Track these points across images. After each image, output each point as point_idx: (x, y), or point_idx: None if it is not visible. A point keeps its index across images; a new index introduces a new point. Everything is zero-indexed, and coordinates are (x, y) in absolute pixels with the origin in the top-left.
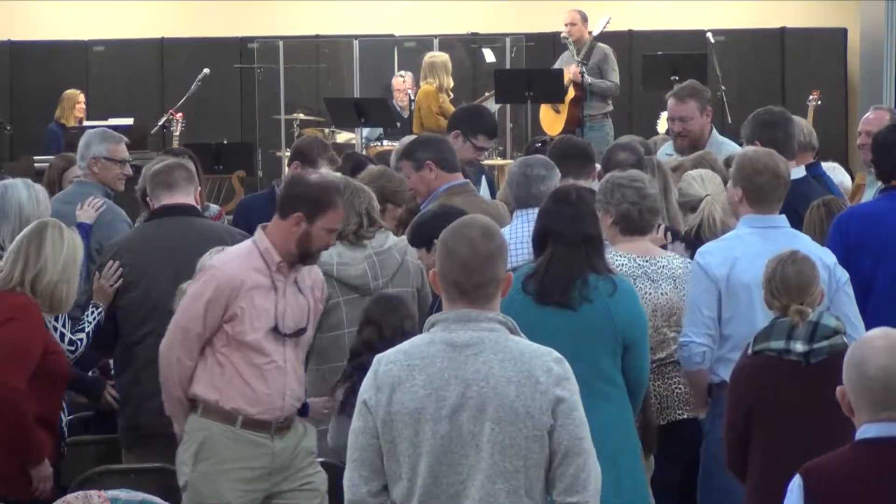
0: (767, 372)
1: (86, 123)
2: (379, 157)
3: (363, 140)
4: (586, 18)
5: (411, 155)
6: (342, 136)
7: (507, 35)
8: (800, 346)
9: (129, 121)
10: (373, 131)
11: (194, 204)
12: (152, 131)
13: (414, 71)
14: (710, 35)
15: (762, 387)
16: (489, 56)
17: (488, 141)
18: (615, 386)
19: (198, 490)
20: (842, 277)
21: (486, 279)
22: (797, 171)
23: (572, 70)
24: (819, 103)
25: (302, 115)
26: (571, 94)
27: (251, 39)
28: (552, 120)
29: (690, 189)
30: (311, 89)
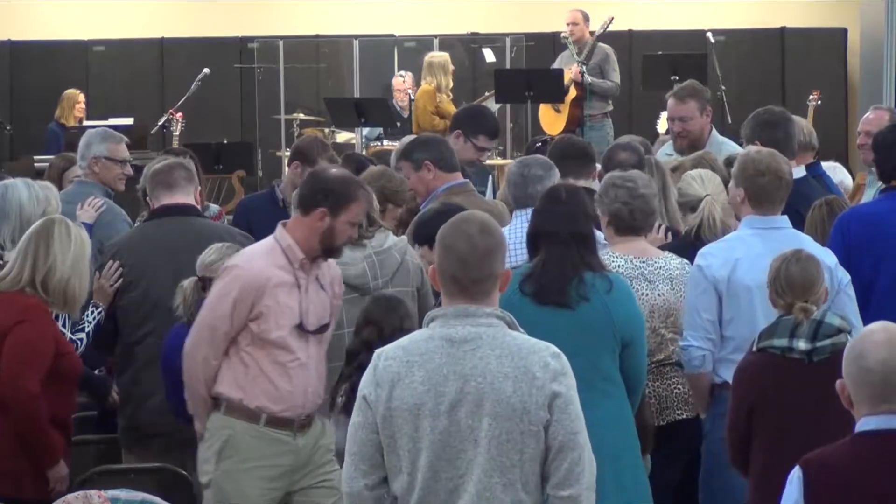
0: (770, 369)
1: (86, 123)
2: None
3: (363, 140)
4: (588, 18)
5: (409, 155)
6: (342, 136)
7: (507, 35)
8: (802, 345)
9: (129, 121)
10: (372, 131)
11: (194, 204)
12: (152, 131)
13: (414, 71)
14: (710, 35)
15: (765, 384)
16: (489, 56)
17: (489, 141)
18: (614, 383)
19: (221, 488)
20: (843, 279)
21: (485, 274)
22: (797, 171)
23: (573, 70)
24: (819, 103)
25: (302, 115)
26: (573, 93)
27: (251, 39)
28: (552, 119)
29: (690, 189)
30: (311, 89)
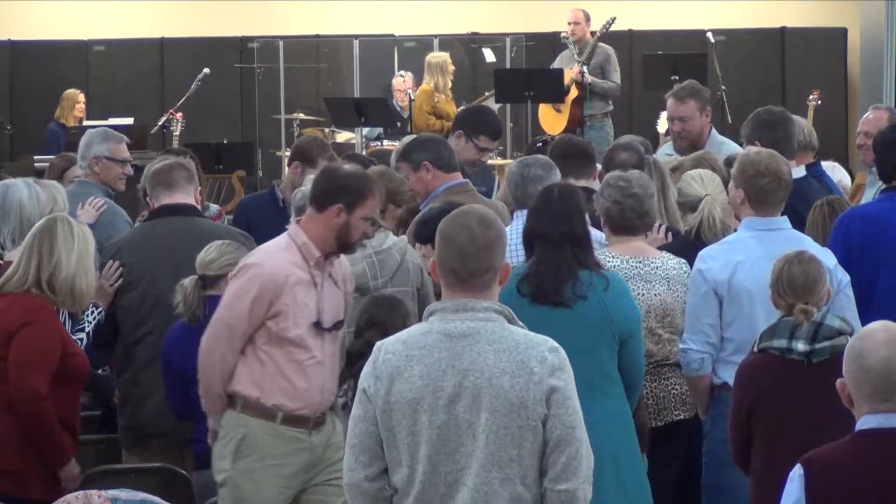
0: (770, 370)
1: (86, 123)
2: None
3: (363, 140)
4: (589, 18)
5: (408, 156)
6: (342, 136)
7: (507, 35)
8: (801, 346)
9: (129, 120)
10: (372, 131)
11: (194, 204)
12: (152, 131)
13: (414, 71)
14: (710, 35)
15: (765, 384)
16: (489, 56)
17: (491, 142)
18: (614, 382)
19: (238, 486)
20: (843, 279)
21: (484, 267)
22: (797, 171)
23: (574, 70)
24: (819, 103)
25: (302, 115)
26: (574, 93)
27: (251, 39)
28: (553, 119)
29: (690, 189)
30: (311, 89)
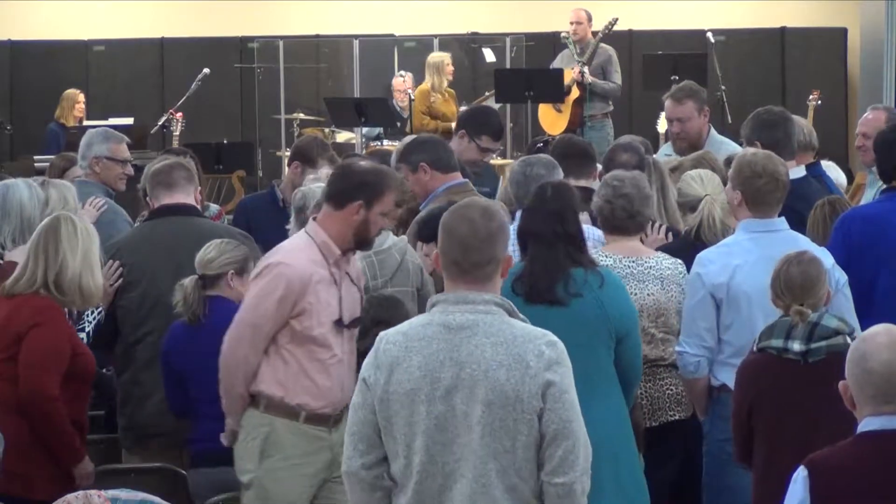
0: (768, 369)
1: (86, 123)
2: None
3: (363, 140)
4: (591, 18)
5: (406, 157)
6: (342, 136)
7: (507, 35)
8: (797, 346)
9: (129, 120)
10: (371, 130)
11: (194, 204)
12: (152, 131)
13: (414, 71)
14: (710, 35)
15: (764, 383)
16: (489, 56)
17: (493, 142)
18: (611, 381)
19: (265, 487)
20: (840, 279)
21: (485, 258)
22: (797, 171)
23: (574, 70)
24: (819, 103)
25: (302, 115)
26: (575, 93)
27: (251, 39)
28: (553, 119)
29: (690, 189)
30: (311, 89)
